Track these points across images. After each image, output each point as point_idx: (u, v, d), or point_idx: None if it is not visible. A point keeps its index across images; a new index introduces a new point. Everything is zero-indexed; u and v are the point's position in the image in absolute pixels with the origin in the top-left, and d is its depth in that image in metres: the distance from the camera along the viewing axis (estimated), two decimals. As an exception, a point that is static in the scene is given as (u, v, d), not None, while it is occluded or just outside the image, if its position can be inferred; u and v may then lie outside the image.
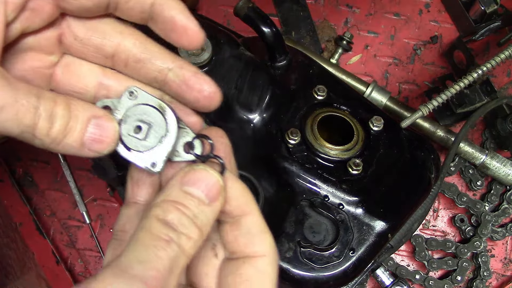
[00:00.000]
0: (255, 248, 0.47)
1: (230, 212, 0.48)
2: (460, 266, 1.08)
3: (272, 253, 0.48)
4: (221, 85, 0.83)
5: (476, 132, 1.18)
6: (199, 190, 0.45)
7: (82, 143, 0.46)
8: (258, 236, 0.48)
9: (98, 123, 0.46)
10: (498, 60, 0.95)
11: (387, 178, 0.85)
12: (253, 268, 0.47)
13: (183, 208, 0.44)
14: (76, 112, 0.45)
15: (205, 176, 0.46)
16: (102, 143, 0.47)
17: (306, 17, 1.22)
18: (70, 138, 0.45)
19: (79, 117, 0.46)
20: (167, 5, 0.50)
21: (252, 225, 0.48)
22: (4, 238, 1.08)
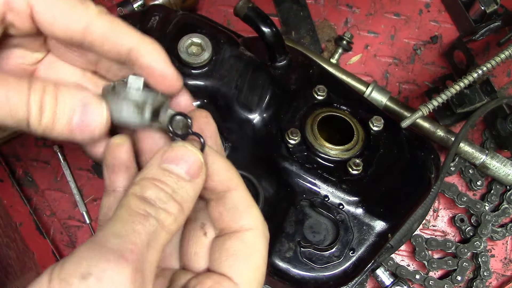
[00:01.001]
0: (241, 222, 0.47)
1: (214, 188, 0.48)
2: (460, 266, 1.08)
3: (260, 227, 0.47)
4: (221, 85, 0.83)
5: (476, 132, 1.18)
6: (178, 167, 0.45)
7: (71, 129, 0.47)
8: (244, 210, 0.47)
9: (84, 110, 0.47)
10: (498, 60, 0.95)
11: (387, 178, 0.85)
12: (240, 242, 0.46)
13: (161, 185, 0.43)
14: (62, 100, 0.46)
15: (184, 153, 0.45)
16: (89, 126, 0.47)
17: (306, 17, 1.22)
18: (60, 126, 0.46)
19: (66, 105, 0.46)
20: (144, 52, 0.50)
21: (238, 200, 0.48)
22: (4, 238, 1.08)
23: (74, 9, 0.48)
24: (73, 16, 0.48)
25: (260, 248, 0.46)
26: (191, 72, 0.82)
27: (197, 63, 0.81)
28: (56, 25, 0.48)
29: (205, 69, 0.82)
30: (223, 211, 0.47)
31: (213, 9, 1.22)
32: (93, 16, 0.50)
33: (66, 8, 0.48)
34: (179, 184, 0.44)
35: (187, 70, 0.82)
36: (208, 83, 0.83)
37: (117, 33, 0.50)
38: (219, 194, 0.48)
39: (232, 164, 0.50)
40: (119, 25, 0.51)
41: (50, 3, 0.48)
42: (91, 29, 0.49)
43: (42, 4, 0.48)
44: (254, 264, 0.45)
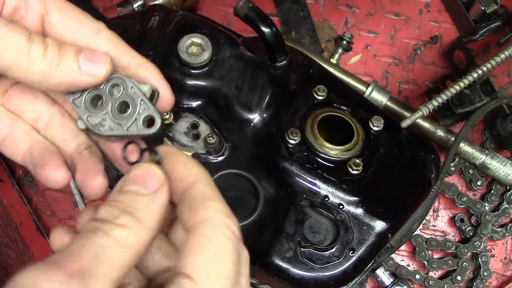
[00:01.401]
0: (198, 216, 0.44)
1: (177, 189, 0.46)
2: (460, 266, 1.08)
3: (217, 217, 0.44)
4: (221, 85, 0.83)
5: (476, 132, 1.18)
6: (135, 186, 0.44)
7: (79, 66, 0.48)
8: (201, 203, 0.45)
9: (89, 52, 0.49)
10: (498, 60, 0.95)
11: (387, 178, 0.85)
12: (195, 235, 0.42)
13: (114, 203, 0.43)
14: (65, 45, 0.49)
15: (138, 172, 0.45)
16: (98, 63, 0.48)
17: (306, 17, 1.22)
18: (67, 61, 0.47)
19: (69, 47, 0.49)
20: (146, 71, 0.53)
21: (195, 194, 0.45)
22: (4, 238, 1.08)
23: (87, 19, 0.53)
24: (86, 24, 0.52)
25: (218, 240, 0.43)
26: (191, 72, 0.82)
27: (197, 63, 0.81)
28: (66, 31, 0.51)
29: (205, 69, 0.82)
30: (183, 208, 0.45)
31: (213, 9, 1.22)
32: (102, 28, 0.53)
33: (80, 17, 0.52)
34: (136, 199, 0.43)
35: (187, 70, 0.82)
36: (208, 83, 0.83)
37: (121, 46, 0.53)
38: (182, 193, 0.46)
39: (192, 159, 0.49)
40: (121, 40, 0.53)
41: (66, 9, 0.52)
42: (98, 39, 0.52)
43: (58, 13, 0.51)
44: (211, 257, 0.42)
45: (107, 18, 1.09)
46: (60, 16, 0.51)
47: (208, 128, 0.83)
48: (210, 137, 0.80)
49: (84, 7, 1.13)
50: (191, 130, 0.83)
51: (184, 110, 0.83)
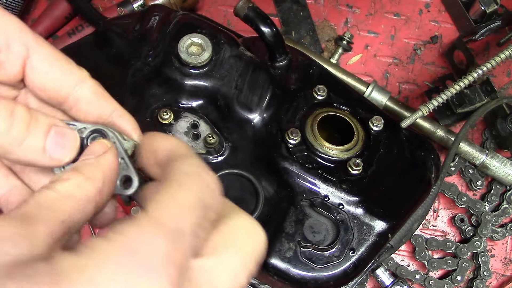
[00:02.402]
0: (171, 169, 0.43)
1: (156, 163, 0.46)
2: (460, 266, 1.08)
3: (188, 166, 0.43)
4: (221, 85, 0.83)
5: (476, 132, 1.18)
6: (83, 157, 0.46)
7: (44, 147, 0.45)
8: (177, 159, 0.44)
9: (60, 130, 0.46)
10: (498, 60, 0.95)
11: (387, 178, 0.85)
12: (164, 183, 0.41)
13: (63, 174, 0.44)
14: (37, 116, 0.45)
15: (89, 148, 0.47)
16: (64, 148, 0.46)
17: (306, 17, 1.22)
18: (33, 139, 0.44)
19: (41, 121, 0.45)
20: (123, 121, 0.52)
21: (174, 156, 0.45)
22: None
23: (71, 67, 0.50)
24: (70, 73, 0.50)
25: (183, 180, 0.41)
26: (191, 72, 0.82)
27: (197, 63, 0.81)
28: (48, 78, 0.49)
29: (205, 69, 0.82)
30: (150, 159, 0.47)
31: (213, 9, 1.22)
32: (85, 77, 0.51)
33: (64, 65, 0.50)
34: (82, 162, 0.45)
35: (187, 70, 0.82)
36: (208, 83, 0.83)
37: (104, 97, 0.52)
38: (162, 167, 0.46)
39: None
40: (105, 91, 0.52)
41: (49, 56, 0.49)
42: (80, 89, 0.50)
43: (43, 58, 0.48)
44: (170, 192, 0.40)
45: (107, 18, 1.09)
46: (43, 61, 0.49)
47: (208, 128, 0.83)
48: (210, 137, 0.80)
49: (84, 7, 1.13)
50: (191, 130, 0.83)
51: (184, 110, 0.84)
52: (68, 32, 1.15)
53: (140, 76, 0.85)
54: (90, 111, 0.51)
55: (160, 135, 0.49)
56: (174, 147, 0.46)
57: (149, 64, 0.85)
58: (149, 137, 0.49)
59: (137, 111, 0.83)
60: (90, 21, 1.13)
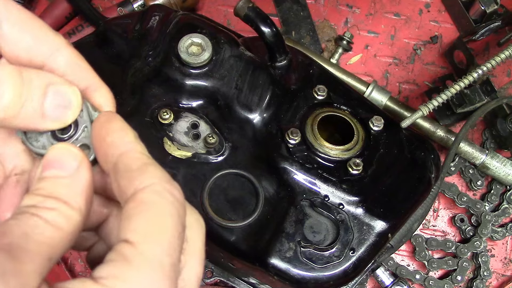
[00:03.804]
0: (135, 183, 0.41)
1: (109, 156, 0.43)
2: (460, 266, 1.08)
3: (157, 183, 0.41)
4: (221, 85, 0.83)
5: (476, 132, 1.18)
6: (52, 170, 0.42)
7: (43, 112, 0.42)
8: (138, 170, 0.41)
9: (58, 89, 0.43)
10: (498, 60, 0.95)
11: (387, 178, 0.85)
12: (134, 202, 0.40)
13: (37, 191, 0.41)
14: (29, 78, 0.41)
15: (53, 154, 0.43)
16: (66, 108, 0.43)
17: (306, 17, 1.22)
18: (29, 107, 0.41)
19: (34, 83, 0.41)
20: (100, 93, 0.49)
21: (131, 161, 0.42)
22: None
23: (46, 34, 0.46)
24: (44, 40, 0.46)
25: (157, 202, 0.40)
26: (191, 72, 0.82)
27: (197, 63, 0.81)
28: (20, 46, 0.45)
29: (205, 69, 0.82)
30: (118, 178, 0.42)
31: (213, 9, 1.22)
32: (61, 46, 0.47)
33: (37, 31, 0.45)
34: (58, 183, 0.41)
35: (187, 70, 0.82)
36: (208, 83, 0.83)
37: (80, 68, 0.48)
38: (113, 163, 0.43)
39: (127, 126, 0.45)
40: (83, 60, 0.48)
41: (22, 22, 0.45)
42: (55, 58, 0.46)
43: (14, 23, 0.44)
44: (150, 219, 0.39)
45: (107, 18, 1.09)
46: (14, 28, 0.44)
47: (208, 128, 0.83)
48: (210, 137, 0.80)
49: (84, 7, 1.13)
50: (191, 130, 0.83)
51: (184, 110, 0.84)
52: (68, 32, 1.15)
53: (140, 76, 0.85)
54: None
55: (114, 126, 0.44)
56: (130, 152, 0.43)
57: (149, 64, 0.85)
58: (103, 124, 0.45)
59: (137, 111, 0.83)
60: (90, 21, 1.13)
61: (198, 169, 0.80)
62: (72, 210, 0.40)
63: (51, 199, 0.40)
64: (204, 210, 0.78)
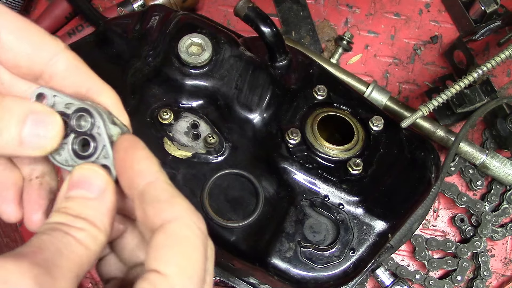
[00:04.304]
0: (164, 215, 0.43)
1: (134, 184, 0.44)
2: (460, 266, 1.08)
3: (185, 215, 0.43)
4: (221, 85, 0.83)
5: (476, 132, 1.18)
6: (81, 190, 0.44)
7: (21, 140, 0.42)
8: (166, 201, 0.43)
9: (37, 118, 0.43)
10: (498, 60, 0.95)
11: (387, 178, 0.85)
12: (164, 234, 0.42)
13: (64, 210, 0.43)
14: (9, 107, 0.42)
15: (83, 174, 0.45)
16: (44, 137, 0.43)
17: (306, 17, 1.22)
18: (6, 135, 0.42)
19: (14, 112, 0.42)
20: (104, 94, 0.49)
21: (159, 191, 0.44)
22: (4, 238, 1.08)
23: (43, 40, 0.46)
24: (42, 46, 0.46)
25: (188, 236, 0.42)
26: (191, 72, 0.82)
27: (197, 63, 0.81)
28: (19, 54, 0.45)
29: (205, 69, 0.82)
30: (145, 208, 0.43)
31: (213, 9, 1.22)
32: (60, 50, 0.47)
33: (35, 38, 0.46)
34: (85, 204, 0.43)
35: (187, 70, 0.82)
36: (208, 83, 0.83)
37: (80, 71, 0.48)
38: (140, 192, 0.44)
39: (152, 155, 0.46)
40: (82, 63, 0.49)
41: (19, 30, 0.45)
42: (55, 63, 0.47)
43: (11, 31, 0.45)
44: (182, 252, 0.41)
45: (107, 18, 1.09)
46: (13, 37, 0.44)
47: (208, 128, 0.83)
48: (210, 137, 0.80)
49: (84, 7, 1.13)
50: (191, 130, 0.83)
51: (184, 110, 0.84)
52: (68, 32, 1.15)
53: (140, 76, 0.85)
54: (66, 87, 0.47)
55: (144, 155, 0.45)
56: (157, 182, 0.44)
57: (149, 64, 0.85)
58: (127, 150, 0.45)
59: (137, 111, 0.83)
60: (90, 21, 1.13)
61: (198, 169, 0.80)
62: (99, 231, 0.43)
63: (80, 219, 0.42)
64: (204, 210, 0.78)
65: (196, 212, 0.44)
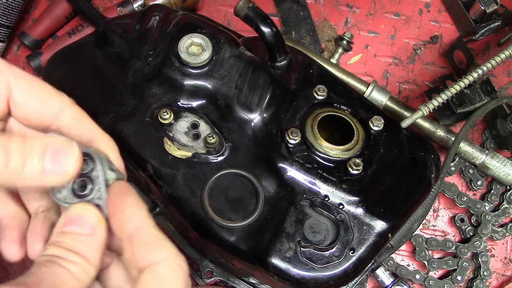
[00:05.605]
0: (152, 257, 0.48)
1: (124, 227, 0.50)
2: (460, 266, 1.08)
3: (171, 257, 0.48)
4: (221, 85, 0.83)
5: (476, 132, 1.18)
6: (75, 227, 0.49)
7: (43, 169, 0.47)
8: (153, 244, 0.49)
9: (56, 147, 0.48)
10: (498, 60, 0.95)
11: (387, 178, 0.85)
12: (151, 274, 0.47)
13: (59, 243, 0.48)
14: (31, 143, 0.47)
15: (77, 213, 0.50)
16: (64, 162, 0.48)
17: (306, 17, 1.22)
18: (30, 166, 0.46)
19: (36, 146, 0.47)
20: (104, 145, 0.55)
21: (146, 236, 0.49)
22: None
23: (51, 96, 0.53)
24: (50, 102, 0.52)
25: (173, 278, 0.48)
26: (191, 72, 0.82)
27: (197, 63, 0.81)
28: (30, 110, 0.52)
29: (205, 69, 0.82)
30: (134, 249, 0.49)
31: (213, 9, 1.22)
32: (66, 105, 0.53)
33: (44, 95, 0.52)
34: (79, 240, 0.48)
35: (187, 70, 0.82)
36: (208, 83, 0.83)
37: (84, 123, 0.54)
38: (129, 234, 0.49)
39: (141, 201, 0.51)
40: (86, 116, 0.55)
41: (29, 88, 0.51)
42: (61, 117, 0.53)
43: (22, 90, 0.51)
44: None
45: (107, 18, 1.09)
46: (24, 95, 0.51)
47: (208, 128, 0.83)
48: (210, 137, 0.80)
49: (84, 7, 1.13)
50: (191, 130, 0.83)
51: (184, 110, 0.84)
52: (68, 32, 1.15)
53: (140, 76, 0.85)
54: (71, 136, 0.52)
55: (130, 200, 0.50)
56: (145, 227, 0.49)
57: (149, 64, 0.85)
58: (119, 196, 0.50)
59: (137, 111, 0.83)
60: (90, 21, 1.13)
61: (198, 169, 0.80)
62: (90, 265, 0.48)
63: (73, 253, 0.47)
64: (204, 210, 0.78)
65: (179, 254, 0.49)
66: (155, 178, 0.80)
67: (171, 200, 0.80)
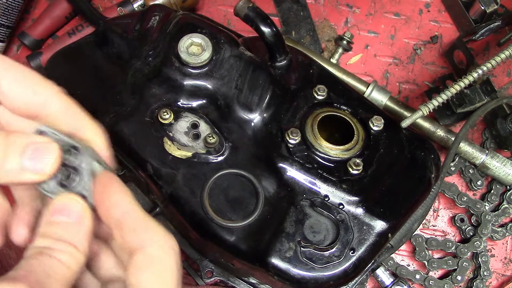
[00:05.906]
0: (141, 239, 0.49)
1: (112, 213, 0.50)
2: (460, 266, 1.08)
3: (161, 239, 0.49)
4: (221, 85, 0.83)
5: (476, 132, 1.18)
6: (62, 216, 0.50)
7: (22, 166, 0.48)
8: (142, 227, 0.50)
9: (36, 147, 0.49)
10: (498, 60, 0.95)
11: (387, 178, 0.85)
12: (142, 255, 0.48)
13: (48, 234, 0.49)
14: (13, 140, 0.48)
15: (63, 202, 0.50)
16: (42, 162, 0.49)
17: (306, 17, 1.22)
18: (10, 162, 0.48)
19: (17, 143, 0.48)
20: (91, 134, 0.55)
21: (135, 219, 0.50)
22: (4, 238, 1.08)
23: (39, 85, 0.53)
24: (38, 91, 0.53)
25: (164, 258, 0.49)
26: (191, 72, 0.82)
27: (197, 63, 0.81)
28: (18, 100, 0.52)
29: (205, 69, 0.82)
30: (123, 234, 0.50)
31: (213, 9, 1.22)
32: (53, 94, 0.53)
33: (32, 84, 0.53)
34: (66, 229, 0.49)
35: (187, 70, 0.82)
36: (208, 83, 0.83)
37: (72, 111, 0.54)
38: (116, 220, 0.50)
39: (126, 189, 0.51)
40: (74, 105, 0.55)
41: (17, 77, 0.52)
42: (49, 105, 0.53)
43: (11, 80, 0.52)
44: (159, 271, 0.48)
45: (107, 18, 1.09)
46: (12, 85, 0.52)
47: (208, 128, 0.83)
48: (210, 137, 0.80)
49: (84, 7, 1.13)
50: (191, 130, 0.83)
51: (184, 110, 0.84)
52: (68, 32, 1.15)
53: (140, 76, 0.85)
54: (59, 125, 0.53)
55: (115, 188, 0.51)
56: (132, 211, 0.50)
57: (149, 64, 0.85)
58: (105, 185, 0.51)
59: (137, 111, 0.83)
60: (90, 21, 1.13)
61: (198, 169, 0.80)
62: (79, 253, 0.48)
63: (62, 242, 0.48)
64: (204, 210, 0.78)
65: (170, 235, 0.50)
66: (155, 178, 0.80)
67: (171, 200, 0.80)
